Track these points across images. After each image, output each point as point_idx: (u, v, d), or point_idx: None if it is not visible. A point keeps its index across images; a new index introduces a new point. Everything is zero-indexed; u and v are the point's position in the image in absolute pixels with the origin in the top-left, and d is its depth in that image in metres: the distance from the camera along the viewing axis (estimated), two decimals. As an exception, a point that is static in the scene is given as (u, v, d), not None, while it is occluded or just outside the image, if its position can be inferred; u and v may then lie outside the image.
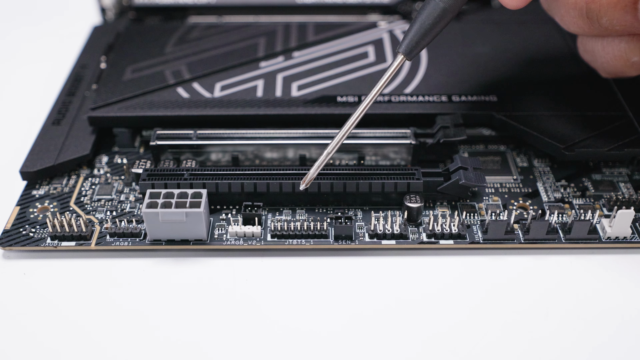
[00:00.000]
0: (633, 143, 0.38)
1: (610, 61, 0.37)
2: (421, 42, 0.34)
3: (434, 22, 0.34)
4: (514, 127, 0.39)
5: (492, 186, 0.39)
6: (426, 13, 0.34)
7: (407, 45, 0.34)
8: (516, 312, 0.33)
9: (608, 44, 0.37)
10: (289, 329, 0.32)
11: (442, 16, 0.34)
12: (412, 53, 0.34)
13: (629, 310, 0.33)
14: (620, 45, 0.36)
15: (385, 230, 0.35)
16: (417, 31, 0.34)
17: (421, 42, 0.34)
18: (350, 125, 0.35)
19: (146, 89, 0.42)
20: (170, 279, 0.35)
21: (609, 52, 0.37)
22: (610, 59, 0.37)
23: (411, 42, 0.34)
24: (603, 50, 0.37)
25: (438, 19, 0.34)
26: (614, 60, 0.37)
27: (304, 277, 0.35)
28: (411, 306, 0.33)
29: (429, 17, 0.34)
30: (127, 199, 0.38)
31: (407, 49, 0.34)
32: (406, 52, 0.34)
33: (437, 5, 0.34)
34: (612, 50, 0.37)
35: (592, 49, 0.38)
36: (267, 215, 0.37)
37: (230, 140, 0.39)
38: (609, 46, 0.37)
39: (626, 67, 0.37)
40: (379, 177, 0.36)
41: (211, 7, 0.52)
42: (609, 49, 0.37)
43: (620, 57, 0.37)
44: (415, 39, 0.34)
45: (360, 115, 0.35)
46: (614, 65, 0.37)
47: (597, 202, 0.38)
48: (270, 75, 0.43)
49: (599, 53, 0.38)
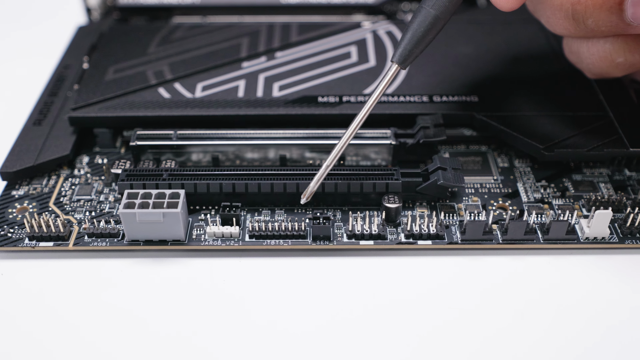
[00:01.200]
0: (613, 143, 0.38)
1: (595, 62, 0.37)
2: (414, 50, 0.34)
3: (427, 30, 0.34)
4: (494, 128, 0.39)
5: (472, 187, 0.39)
6: (418, 21, 0.34)
7: (401, 54, 0.34)
8: (492, 313, 0.33)
9: (593, 45, 0.37)
10: (267, 330, 0.32)
11: (434, 24, 0.34)
12: (406, 62, 0.34)
13: (606, 311, 0.33)
14: (605, 46, 0.36)
15: (364, 231, 0.35)
16: (410, 40, 0.34)
17: (414, 51, 0.34)
18: (347, 137, 0.35)
19: (127, 89, 0.42)
20: (148, 279, 0.34)
21: (594, 53, 0.37)
22: (596, 60, 0.37)
23: (405, 51, 0.34)
24: (588, 51, 0.37)
25: (430, 26, 0.34)
26: (599, 62, 0.37)
27: (282, 277, 0.35)
28: (389, 307, 0.33)
29: (421, 25, 0.34)
30: (107, 200, 0.38)
31: (401, 58, 0.34)
32: (400, 61, 0.34)
33: (428, 14, 0.34)
34: (597, 51, 0.37)
35: (578, 50, 0.38)
36: (245, 216, 0.37)
37: (211, 141, 0.39)
38: (594, 47, 0.37)
39: (611, 68, 0.37)
40: (358, 177, 0.36)
41: (196, 7, 0.52)
42: (594, 50, 0.37)
43: (605, 58, 0.37)
44: (408, 48, 0.34)
45: (358, 126, 0.35)
46: (600, 66, 0.37)
47: (576, 202, 0.38)
48: (252, 76, 0.43)
49: (585, 54, 0.38)
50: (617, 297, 0.33)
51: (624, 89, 0.42)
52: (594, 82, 0.42)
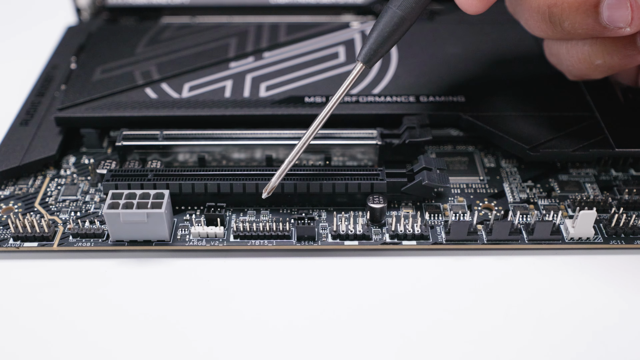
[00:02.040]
0: (598, 144, 0.38)
1: (575, 64, 0.37)
2: (380, 50, 0.34)
3: (392, 30, 0.34)
4: (480, 128, 0.39)
5: (458, 187, 0.39)
6: (384, 21, 0.34)
7: (366, 54, 0.34)
8: (477, 313, 0.33)
9: (572, 48, 0.37)
10: (251, 330, 0.32)
11: (400, 24, 0.34)
12: (371, 61, 0.35)
13: (591, 312, 0.33)
14: (583, 48, 0.36)
15: (348, 231, 0.35)
16: (376, 39, 0.34)
17: (380, 50, 0.34)
18: (310, 134, 0.35)
19: (114, 90, 0.42)
20: (132, 279, 0.34)
21: (573, 56, 0.37)
22: (575, 62, 0.37)
23: (370, 51, 0.34)
24: (567, 53, 0.37)
25: (396, 27, 0.34)
26: (578, 64, 0.37)
27: (266, 278, 0.35)
28: (373, 307, 0.33)
29: (387, 25, 0.34)
30: (92, 200, 0.38)
31: (366, 57, 0.34)
32: (365, 60, 0.35)
33: (394, 14, 0.34)
34: (576, 53, 0.37)
35: (557, 53, 0.38)
36: (230, 216, 0.37)
37: (197, 141, 0.39)
38: (573, 49, 0.37)
39: (590, 70, 0.37)
40: (343, 177, 0.36)
41: (185, 7, 0.52)
42: (573, 52, 0.37)
43: (584, 60, 0.37)
44: (374, 47, 0.34)
45: (320, 124, 0.35)
46: (579, 68, 0.37)
47: (562, 202, 0.38)
48: (240, 76, 0.43)
49: (564, 56, 0.38)
50: (601, 297, 0.33)
51: (611, 89, 0.42)
52: (580, 83, 0.42)
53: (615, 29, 0.33)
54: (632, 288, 0.34)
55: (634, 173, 0.40)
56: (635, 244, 0.35)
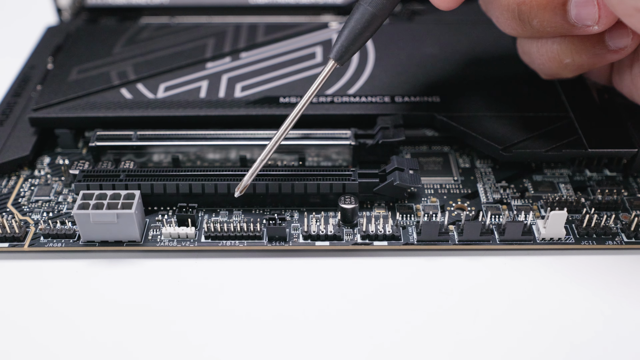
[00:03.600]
0: (572, 144, 0.38)
1: (545, 63, 0.37)
2: (351, 47, 0.34)
3: (364, 27, 0.34)
4: (454, 128, 0.39)
5: (431, 187, 0.39)
6: (355, 18, 0.34)
7: (338, 51, 0.34)
8: (448, 314, 0.33)
9: (542, 46, 0.37)
10: (221, 331, 0.32)
11: (371, 21, 0.34)
12: (342, 58, 0.34)
13: (560, 311, 0.33)
14: (553, 47, 0.36)
15: (319, 232, 0.35)
16: (347, 37, 0.34)
17: (351, 48, 0.34)
18: (281, 133, 0.35)
19: (89, 90, 0.42)
20: (103, 280, 0.34)
21: (543, 54, 0.37)
22: (545, 61, 0.37)
23: (341, 48, 0.34)
24: (538, 52, 0.37)
25: (367, 24, 0.34)
26: (548, 62, 0.37)
27: (237, 278, 0.35)
28: (343, 308, 0.33)
29: (359, 22, 0.34)
30: (65, 200, 0.38)
31: (337, 54, 0.34)
32: (337, 58, 0.34)
33: (365, 11, 0.34)
34: (546, 52, 0.37)
35: (529, 51, 0.38)
36: (203, 217, 0.37)
37: (171, 141, 0.39)
38: (543, 48, 0.37)
39: (560, 69, 0.37)
40: (315, 178, 0.36)
41: (165, 7, 0.52)
42: (543, 50, 0.37)
43: (554, 59, 0.37)
44: (345, 45, 0.34)
45: (292, 123, 0.35)
46: (550, 66, 0.37)
47: (535, 203, 0.38)
48: (215, 76, 0.43)
49: (535, 55, 0.38)
50: (570, 297, 0.33)
51: (587, 89, 0.42)
52: (556, 83, 0.42)
53: (583, 27, 0.33)
54: (602, 288, 0.34)
55: (608, 173, 0.40)
56: (607, 244, 0.35)
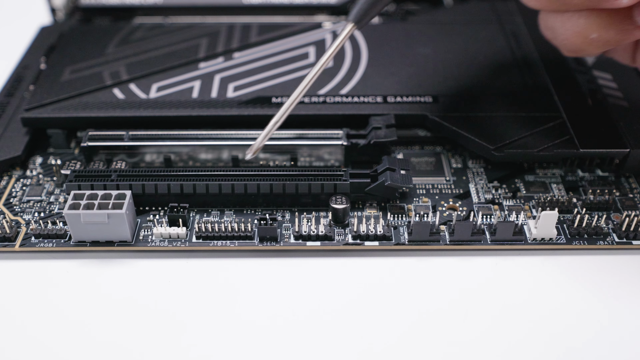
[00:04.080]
0: (564, 144, 0.38)
1: (569, 38, 0.36)
2: (371, 10, 0.34)
3: None
4: (446, 128, 0.39)
5: (423, 187, 0.39)
6: None
7: (357, 13, 0.34)
8: (438, 313, 0.33)
9: (567, 20, 0.36)
10: (212, 331, 0.32)
11: None
12: (362, 21, 0.34)
13: (551, 312, 0.32)
14: (579, 21, 0.35)
15: (311, 232, 0.35)
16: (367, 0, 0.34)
17: (371, 11, 0.34)
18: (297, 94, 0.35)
19: (82, 90, 0.42)
20: (94, 280, 0.34)
21: (568, 29, 0.36)
22: (570, 36, 0.36)
23: (361, 10, 0.34)
24: (562, 26, 0.36)
25: None
26: (573, 37, 0.36)
27: (228, 278, 0.35)
28: (334, 308, 0.33)
29: None
30: (57, 201, 0.38)
31: (357, 16, 0.34)
32: (356, 20, 0.34)
33: None
34: (571, 26, 0.36)
35: (552, 26, 0.37)
36: (194, 217, 0.37)
37: (163, 142, 0.39)
38: (568, 22, 0.36)
39: (585, 44, 0.36)
40: (306, 178, 0.36)
41: (158, 7, 0.52)
42: (569, 25, 0.36)
43: (579, 34, 0.36)
44: (365, 7, 0.34)
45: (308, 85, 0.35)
46: (574, 42, 0.36)
47: (527, 203, 0.38)
48: (208, 77, 0.43)
49: (559, 30, 0.37)
50: (562, 298, 0.33)
51: (579, 90, 0.42)
52: (549, 83, 0.42)
53: (612, 0, 0.32)
54: (593, 288, 0.34)
55: (600, 174, 0.40)
56: (598, 244, 0.35)
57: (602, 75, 0.43)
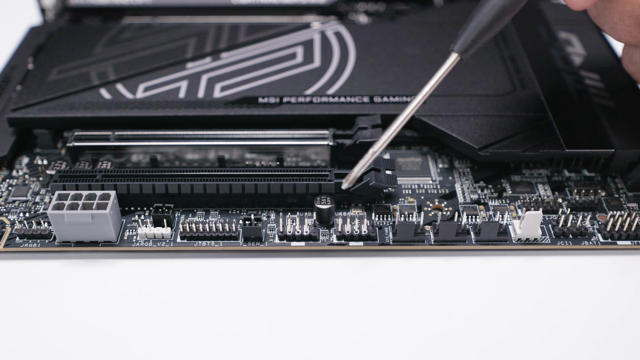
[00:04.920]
0: (549, 144, 0.38)
1: None
2: (477, 41, 0.33)
3: (492, 21, 0.33)
4: (432, 128, 0.39)
5: (409, 188, 0.39)
6: (484, 12, 0.33)
7: (463, 44, 0.34)
8: (421, 313, 0.33)
9: None
10: (196, 331, 0.32)
11: (501, 15, 0.33)
12: (467, 52, 0.34)
13: (535, 312, 0.32)
14: None
15: (295, 232, 0.35)
16: (475, 30, 0.33)
17: (477, 41, 0.33)
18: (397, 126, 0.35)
19: (68, 90, 0.42)
20: (78, 280, 0.34)
21: None
22: None
23: (467, 41, 0.33)
24: None
25: (497, 17, 0.33)
26: None
27: (212, 278, 0.35)
28: (318, 308, 0.33)
29: (487, 15, 0.33)
30: (42, 201, 0.38)
31: (462, 47, 0.34)
32: (461, 51, 0.34)
33: (496, 4, 0.33)
34: None
35: (639, 61, 0.37)
36: (179, 217, 0.37)
37: (149, 142, 0.39)
38: None
39: None
40: (291, 178, 0.36)
41: (147, 7, 0.52)
42: None
43: None
44: (471, 38, 0.33)
45: (408, 117, 0.35)
46: None
47: (512, 203, 0.38)
48: (195, 77, 0.43)
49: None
50: (546, 298, 0.33)
51: (567, 90, 0.42)
52: (536, 83, 0.42)
53: None
54: (577, 289, 0.34)
55: (586, 174, 0.40)
56: (583, 244, 0.35)
57: (589, 75, 0.43)
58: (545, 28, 0.48)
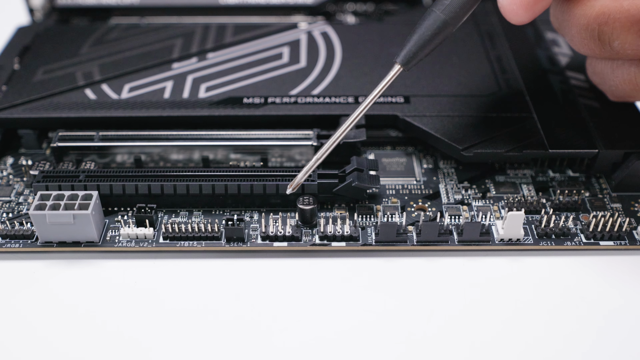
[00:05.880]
0: (533, 144, 0.38)
1: (619, 85, 0.37)
2: (419, 53, 0.34)
3: (433, 34, 0.34)
4: (416, 129, 0.39)
5: (393, 188, 0.39)
6: (426, 25, 0.34)
7: (405, 56, 0.34)
8: (403, 314, 0.33)
9: (618, 67, 0.36)
10: (177, 331, 0.32)
11: (442, 29, 0.34)
12: (409, 64, 0.34)
13: (517, 313, 0.32)
14: (630, 69, 0.35)
15: (278, 232, 0.35)
16: (416, 42, 0.34)
17: (419, 54, 0.34)
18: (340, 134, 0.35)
19: (53, 91, 0.41)
20: (61, 281, 0.34)
21: (618, 76, 0.36)
22: (620, 83, 0.36)
23: (409, 53, 0.34)
24: (612, 73, 0.37)
25: (438, 31, 0.34)
26: (623, 84, 0.36)
27: (195, 279, 0.35)
28: (300, 309, 0.33)
29: (429, 29, 0.34)
30: (26, 201, 0.38)
31: (404, 59, 0.34)
32: (403, 63, 0.34)
33: (437, 18, 0.34)
34: (621, 73, 0.36)
35: (602, 72, 0.38)
36: (162, 217, 0.37)
37: (133, 142, 0.39)
38: (619, 69, 0.36)
39: (635, 92, 0.36)
40: (274, 178, 0.36)
41: (135, 8, 0.52)
42: (619, 72, 0.36)
43: (629, 81, 0.36)
44: (413, 50, 0.34)
45: (350, 126, 0.35)
46: (623, 89, 0.37)
47: (496, 203, 0.38)
48: (181, 77, 0.43)
49: (608, 76, 0.37)
50: (529, 298, 0.33)
51: (552, 90, 0.42)
52: (521, 84, 0.42)
53: None
54: (559, 289, 0.34)
55: (571, 174, 0.40)
56: (565, 245, 0.35)
57: (575, 75, 0.43)
58: (532, 28, 0.48)
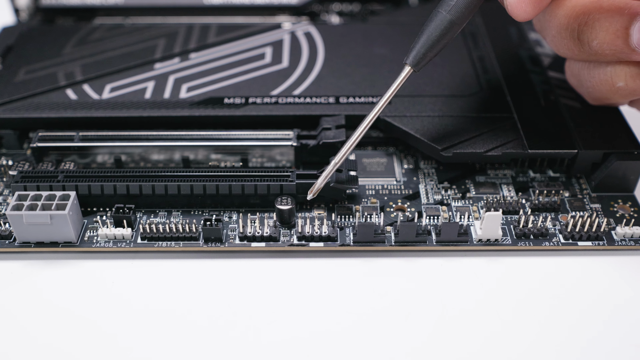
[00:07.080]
0: (513, 145, 0.38)
1: (595, 86, 0.37)
2: (428, 54, 0.35)
3: (441, 35, 0.34)
4: (397, 129, 0.39)
5: (373, 188, 0.39)
6: (433, 26, 0.34)
7: (415, 57, 0.35)
8: (380, 315, 0.33)
9: (594, 68, 0.36)
10: (155, 332, 0.32)
11: (449, 29, 0.34)
12: (419, 64, 0.35)
13: (495, 313, 0.32)
14: (606, 69, 0.36)
15: (255, 233, 0.35)
16: (425, 43, 0.35)
17: (428, 54, 0.35)
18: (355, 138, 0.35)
19: (35, 91, 0.41)
20: (38, 281, 0.34)
21: (594, 77, 0.37)
22: (596, 84, 0.37)
23: (418, 54, 0.35)
24: (589, 74, 0.37)
25: (445, 31, 0.34)
26: (599, 85, 0.37)
27: (173, 279, 0.34)
28: (278, 309, 0.33)
29: (436, 29, 0.34)
30: (5, 202, 0.38)
31: (414, 60, 0.35)
32: (413, 64, 0.35)
33: (444, 18, 0.34)
34: (598, 74, 0.36)
35: (579, 73, 0.38)
36: (141, 217, 0.37)
37: (113, 142, 0.39)
38: (595, 70, 0.36)
39: (611, 93, 0.36)
40: (253, 179, 0.36)
41: (119, 8, 0.52)
42: (595, 73, 0.36)
43: (605, 82, 0.36)
44: (422, 51, 0.35)
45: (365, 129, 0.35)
46: (600, 90, 0.37)
47: (475, 204, 0.38)
48: (162, 77, 0.43)
49: (585, 77, 0.37)
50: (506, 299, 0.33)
51: (534, 90, 0.42)
52: (503, 84, 0.42)
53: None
54: (536, 289, 0.34)
55: (551, 174, 0.40)
56: (543, 245, 0.35)
57: (557, 76, 0.43)
58: (516, 28, 0.48)
